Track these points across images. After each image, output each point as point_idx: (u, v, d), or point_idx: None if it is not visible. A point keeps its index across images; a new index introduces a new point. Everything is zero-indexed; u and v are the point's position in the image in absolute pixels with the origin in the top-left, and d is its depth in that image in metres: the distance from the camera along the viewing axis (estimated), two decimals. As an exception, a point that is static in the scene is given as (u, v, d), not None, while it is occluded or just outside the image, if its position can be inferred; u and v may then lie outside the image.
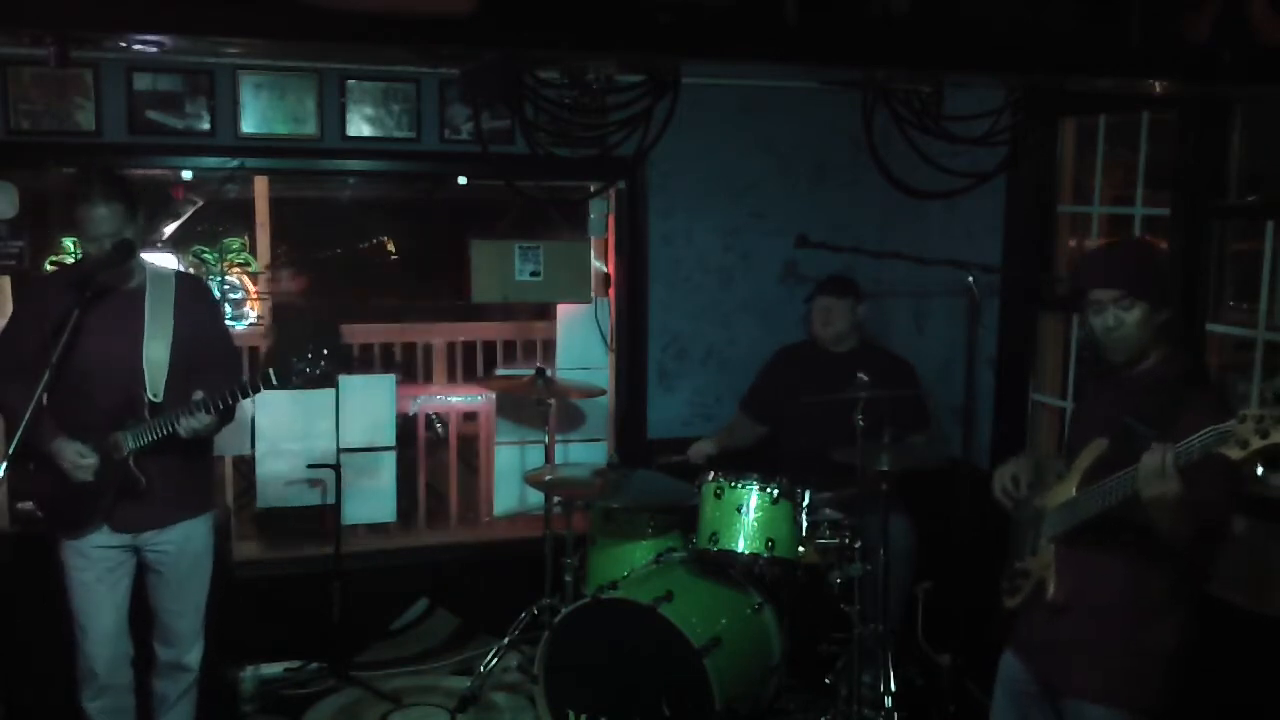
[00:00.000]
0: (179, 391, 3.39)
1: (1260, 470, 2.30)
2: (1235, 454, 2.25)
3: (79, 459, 3.32)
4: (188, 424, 3.31)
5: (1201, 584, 2.80)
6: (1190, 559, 2.68)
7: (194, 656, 3.63)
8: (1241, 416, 2.24)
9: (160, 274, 3.54)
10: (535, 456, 5.05)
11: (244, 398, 3.41)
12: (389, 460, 4.96)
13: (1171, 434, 2.47)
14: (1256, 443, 2.21)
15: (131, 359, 3.38)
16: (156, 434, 3.33)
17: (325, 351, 3.39)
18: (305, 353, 3.38)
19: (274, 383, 3.38)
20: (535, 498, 4.88)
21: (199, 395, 3.33)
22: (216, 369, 3.49)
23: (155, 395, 3.37)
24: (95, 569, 3.45)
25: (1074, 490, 2.76)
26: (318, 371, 3.39)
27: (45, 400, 3.27)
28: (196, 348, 3.46)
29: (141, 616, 3.59)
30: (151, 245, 5.67)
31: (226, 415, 3.51)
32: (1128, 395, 2.76)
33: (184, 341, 3.44)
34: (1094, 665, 2.74)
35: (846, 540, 3.87)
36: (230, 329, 3.87)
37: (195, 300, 3.56)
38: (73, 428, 3.36)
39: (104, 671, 3.49)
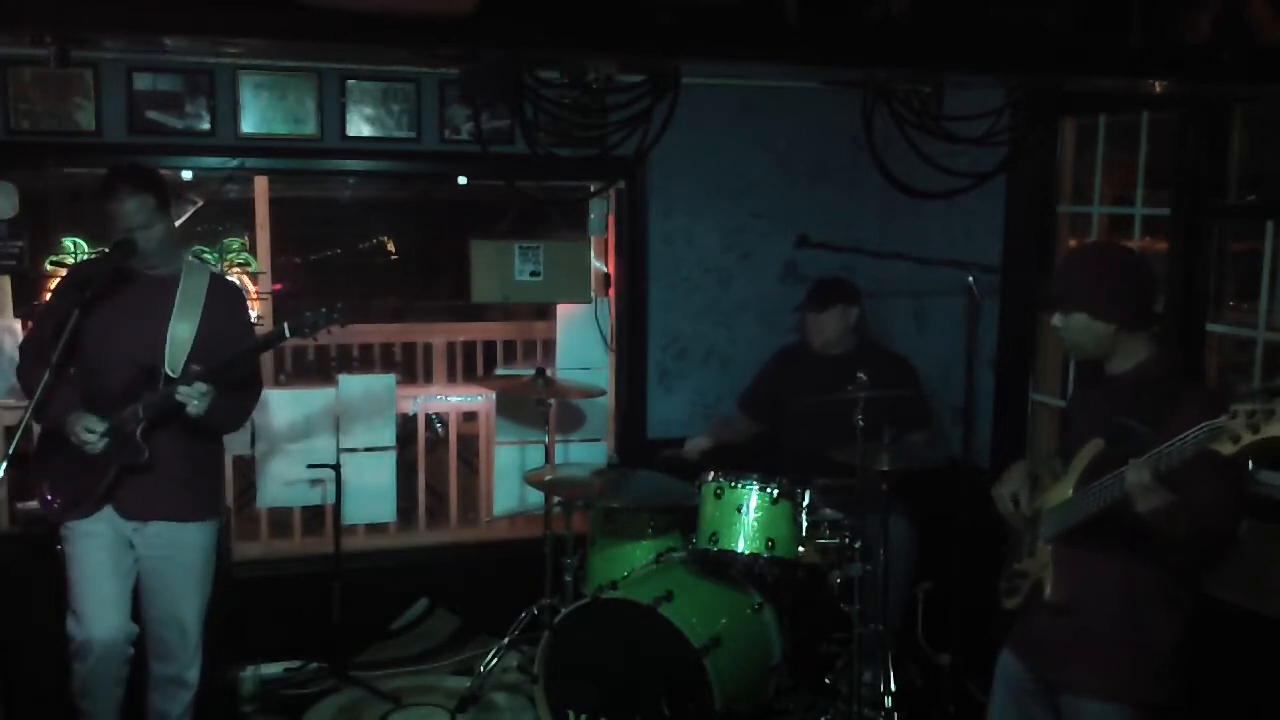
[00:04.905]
0: None
1: (1251, 465, 2.30)
2: (1227, 449, 2.24)
3: (89, 430, 3.35)
4: (185, 392, 3.32)
5: (1197, 582, 2.81)
6: (1189, 558, 2.69)
7: (193, 673, 3.62)
8: (1233, 411, 2.23)
9: (196, 267, 3.62)
10: (535, 456, 5.04)
11: (244, 364, 3.47)
12: (389, 460, 4.95)
13: (1165, 431, 2.48)
14: (1248, 437, 2.20)
15: (155, 336, 3.43)
16: (167, 404, 3.34)
17: (338, 305, 3.44)
18: (319, 307, 3.43)
19: (287, 335, 3.42)
20: (535, 498, 4.88)
21: (196, 367, 3.37)
22: None
23: (174, 371, 3.40)
24: (98, 541, 3.46)
25: (1071, 491, 2.77)
26: (333, 320, 3.41)
27: (66, 378, 3.37)
28: (221, 342, 3.48)
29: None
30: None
31: (237, 404, 3.54)
32: (1119, 395, 2.77)
33: (210, 332, 3.49)
34: (1092, 662, 2.75)
35: (846, 540, 3.87)
36: (256, 332, 3.92)
37: (227, 299, 3.62)
38: (92, 401, 3.40)
39: (100, 638, 3.42)
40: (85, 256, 4.69)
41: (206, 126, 4.49)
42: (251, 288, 4.98)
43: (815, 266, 5.01)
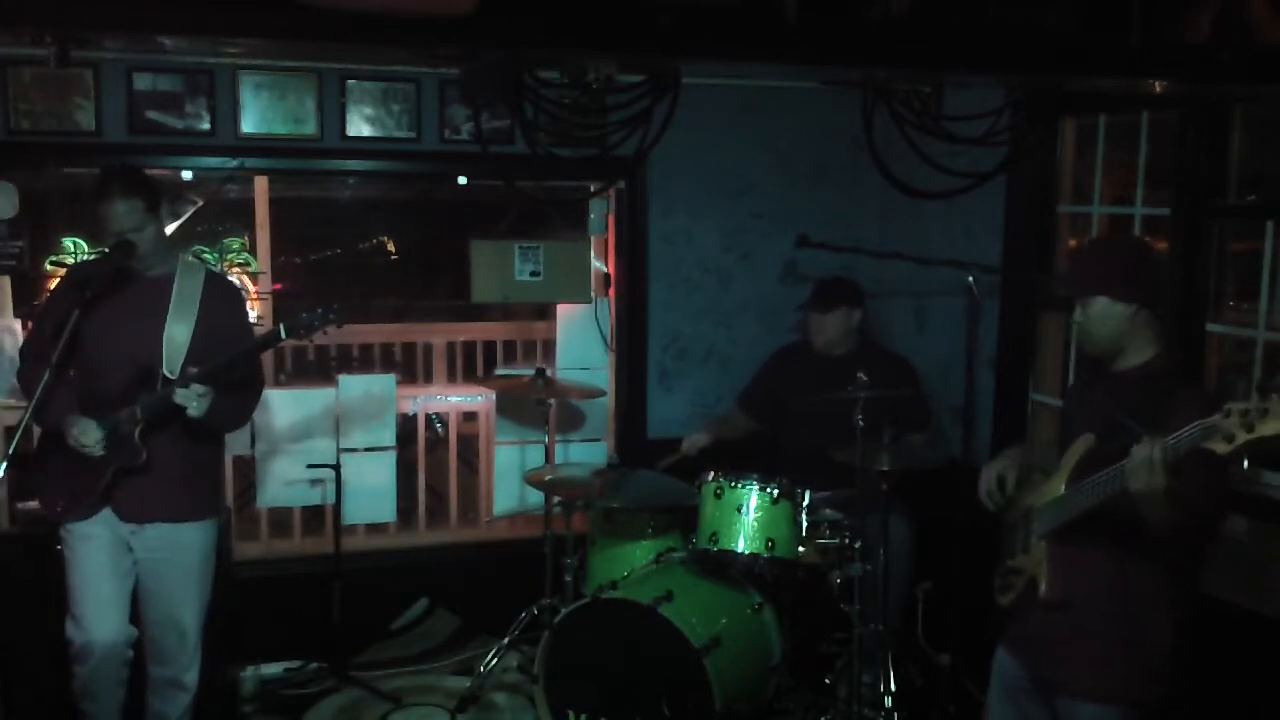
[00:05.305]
0: None
1: (1246, 463, 2.31)
2: (1221, 448, 2.25)
3: (86, 433, 3.35)
4: (183, 394, 3.32)
5: (1193, 581, 2.81)
6: (1179, 555, 2.69)
7: (192, 676, 3.62)
8: (1227, 410, 2.24)
9: (192, 266, 3.62)
10: (535, 456, 5.04)
11: (242, 365, 3.47)
12: (389, 460, 4.96)
13: (1161, 431, 2.49)
14: (1243, 436, 2.21)
15: (152, 337, 3.44)
16: (164, 405, 3.34)
17: (335, 305, 3.43)
18: (315, 307, 3.43)
19: (284, 336, 3.42)
20: (535, 498, 4.88)
21: (194, 369, 3.38)
22: None
23: (171, 372, 3.41)
24: (97, 543, 3.46)
25: (1063, 487, 2.77)
26: (329, 321, 3.41)
27: (65, 379, 3.38)
28: (219, 341, 3.48)
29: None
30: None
31: (238, 404, 3.54)
32: (1117, 392, 2.77)
33: (206, 332, 3.49)
34: (1087, 662, 2.74)
35: (846, 540, 3.87)
36: (254, 329, 3.92)
37: (222, 297, 3.62)
38: (90, 404, 3.41)
39: (101, 641, 3.43)
40: (85, 256, 4.70)
41: (206, 126, 4.49)
42: (251, 288, 4.99)
43: (815, 266, 5.01)
